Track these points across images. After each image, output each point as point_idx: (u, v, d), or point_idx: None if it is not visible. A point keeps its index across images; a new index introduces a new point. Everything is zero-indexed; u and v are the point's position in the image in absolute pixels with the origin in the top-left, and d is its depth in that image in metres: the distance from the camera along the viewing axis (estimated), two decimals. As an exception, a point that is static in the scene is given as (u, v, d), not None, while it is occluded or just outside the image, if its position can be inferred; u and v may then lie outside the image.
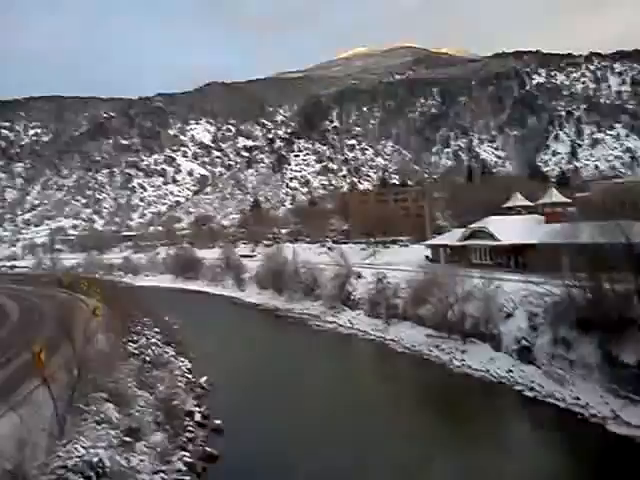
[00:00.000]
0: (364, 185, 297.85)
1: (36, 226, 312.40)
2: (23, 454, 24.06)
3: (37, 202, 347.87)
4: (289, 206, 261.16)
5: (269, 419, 39.37)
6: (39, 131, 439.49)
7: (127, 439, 32.37)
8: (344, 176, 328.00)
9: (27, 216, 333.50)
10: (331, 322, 77.12)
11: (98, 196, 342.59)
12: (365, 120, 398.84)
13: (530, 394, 41.23)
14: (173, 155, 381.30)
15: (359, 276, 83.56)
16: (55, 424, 29.52)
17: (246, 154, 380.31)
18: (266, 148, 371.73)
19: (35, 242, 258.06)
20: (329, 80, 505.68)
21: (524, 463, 31.68)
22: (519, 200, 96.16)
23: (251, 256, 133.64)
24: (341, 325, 74.66)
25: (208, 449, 34.97)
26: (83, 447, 27.60)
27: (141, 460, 31.33)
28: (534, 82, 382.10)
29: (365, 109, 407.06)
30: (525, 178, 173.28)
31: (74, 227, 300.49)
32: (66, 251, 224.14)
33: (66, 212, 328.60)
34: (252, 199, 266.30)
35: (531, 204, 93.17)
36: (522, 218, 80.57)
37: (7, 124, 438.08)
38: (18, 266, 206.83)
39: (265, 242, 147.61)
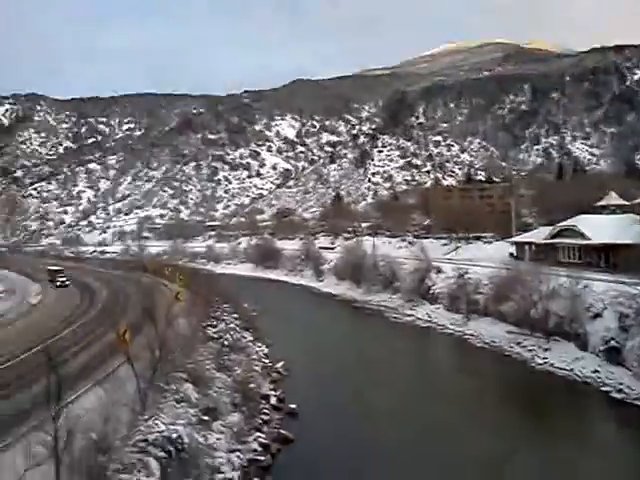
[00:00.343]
0: (448, 181, 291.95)
1: (126, 215, 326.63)
2: (107, 426, 24.84)
3: (128, 192, 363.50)
4: (370, 201, 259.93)
5: (344, 406, 39.25)
6: (132, 126, 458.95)
7: (205, 418, 33.07)
8: (428, 172, 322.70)
9: (118, 205, 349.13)
10: (409, 315, 76.44)
11: (185, 188, 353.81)
12: (451, 116, 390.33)
13: (618, 395, 39.51)
14: (258, 150, 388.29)
15: (439, 271, 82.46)
16: (137, 400, 30.40)
17: (329, 149, 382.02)
18: (350, 143, 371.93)
19: (124, 229, 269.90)
20: (415, 77, 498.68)
21: (612, 461, 30.46)
22: (614, 199, 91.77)
23: (330, 248, 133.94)
24: (419, 318, 73.93)
25: (283, 432, 35.27)
26: (163, 423, 28.28)
27: (218, 438, 31.90)
28: (635, 77, 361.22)
29: (452, 105, 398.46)
30: (621, 176, 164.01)
31: (161, 216, 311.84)
32: (153, 239, 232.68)
33: (154, 202, 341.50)
34: (334, 193, 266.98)
35: (627, 203, 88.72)
36: (616, 217, 77.38)
37: (103, 120, 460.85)
38: (108, 251, 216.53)
39: (345, 235, 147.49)
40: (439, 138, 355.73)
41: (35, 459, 21.32)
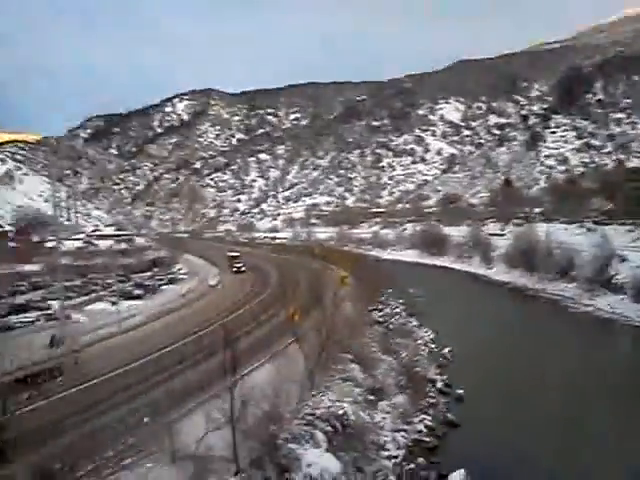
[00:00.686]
0: (634, 162, 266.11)
1: (294, 202, 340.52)
2: (279, 399, 26.09)
3: (295, 181, 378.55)
4: (543, 185, 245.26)
5: (512, 396, 37.68)
6: (298, 116, 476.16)
7: (370, 397, 33.53)
8: (608, 153, 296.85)
9: (287, 193, 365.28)
10: (587, 305, 70.94)
11: (350, 175, 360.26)
12: (635, 91, 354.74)
13: None
14: (422, 135, 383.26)
15: (623, 259, 75.58)
16: (305, 377, 31.54)
17: (497, 132, 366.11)
18: (519, 125, 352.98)
19: (293, 216, 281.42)
20: (592, 49, 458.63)
21: None
22: None
23: (500, 235, 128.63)
24: (600, 309, 68.33)
25: (449, 415, 34.88)
26: (330, 400, 29.08)
27: (383, 418, 32.18)
28: None
29: (636, 78, 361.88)
30: None
31: (327, 203, 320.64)
32: (320, 225, 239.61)
33: (321, 190, 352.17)
34: (503, 178, 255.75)
35: None
36: None
37: (271, 111, 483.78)
38: (278, 237, 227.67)
39: (515, 221, 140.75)
40: (621, 115, 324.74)
41: (214, 424, 23.06)
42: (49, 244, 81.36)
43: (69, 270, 73.65)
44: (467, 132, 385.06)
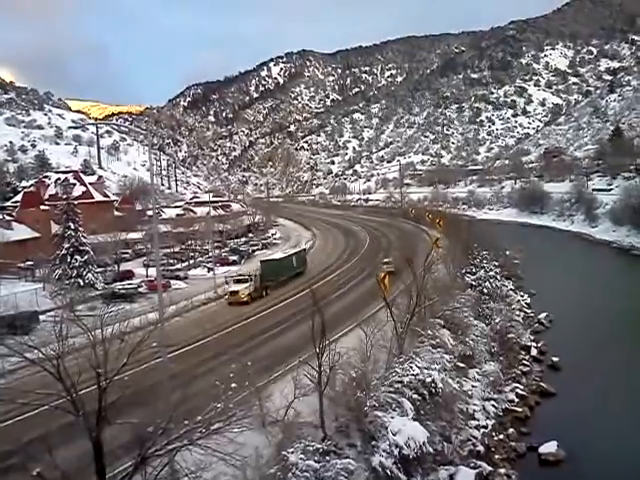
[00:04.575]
0: None
1: (388, 162, 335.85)
2: (366, 366, 26.26)
3: (390, 140, 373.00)
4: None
5: (614, 365, 35.84)
6: (393, 72, 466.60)
7: (460, 365, 33.09)
8: None
9: (381, 153, 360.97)
10: None
11: (446, 132, 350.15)
12: None
13: None
14: (524, 85, 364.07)
15: None
16: (394, 343, 31.50)
17: (608, 78, 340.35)
18: (634, 68, 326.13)
19: (387, 177, 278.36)
20: None
21: None
22: None
23: (607, 190, 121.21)
24: None
25: (543, 384, 33.95)
26: (418, 367, 28.92)
27: (473, 386, 31.77)
28: None
29: None
30: None
31: (422, 162, 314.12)
32: (414, 185, 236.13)
33: (415, 148, 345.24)
34: (612, 127, 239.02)
35: None
36: None
37: (366, 69, 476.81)
38: (371, 199, 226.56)
39: (625, 175, 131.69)
40: None
41: (302, 390, 23.61)
42: (151, 212, 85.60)
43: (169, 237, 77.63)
44: (574, 79, 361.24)
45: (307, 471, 19.66)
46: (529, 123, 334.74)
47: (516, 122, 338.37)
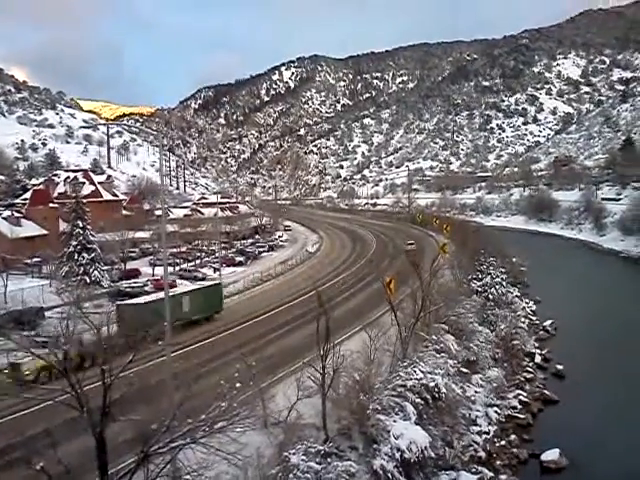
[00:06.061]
0: None
1: (397, 167, 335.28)
2: (370, 369, 26.26)
3: (399, 145, 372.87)
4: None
5: (619, 374, 35.71)
6: (405, 78, 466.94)
7: (464, 370, 33.05)
8: None
9: (390, 158, 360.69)
10: None
11: (456, 138, 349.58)
12: None
13: None
14: (536, 94, 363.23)
15: None
16: (398, 347, 31.50)
17: (621, 87, 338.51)
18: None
19: (395, 182, 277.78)
20: None
21: None
22: None
23: (616, 199, 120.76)
24: None
25: (546, 392, 33.84)
26: (422, 371, 28.88)
27: (476, 391, 31.75)
28: None
29: None
30: None
31: (431, 168, 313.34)
32: (422, 191, 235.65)
33: (425, 154, 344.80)
34: (624, 137, 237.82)
35: None
36: None
37: (377, 74, 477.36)
38: (379, 204, 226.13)
39: (635, 184, 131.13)
40: None
41: (305, 392, 23.66)
42: (158, 212, 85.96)
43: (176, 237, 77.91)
44: (586, 89, 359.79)
45: (308, 472, 19.68)
46: (540, 131, 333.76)
47: (526, 130, 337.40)
